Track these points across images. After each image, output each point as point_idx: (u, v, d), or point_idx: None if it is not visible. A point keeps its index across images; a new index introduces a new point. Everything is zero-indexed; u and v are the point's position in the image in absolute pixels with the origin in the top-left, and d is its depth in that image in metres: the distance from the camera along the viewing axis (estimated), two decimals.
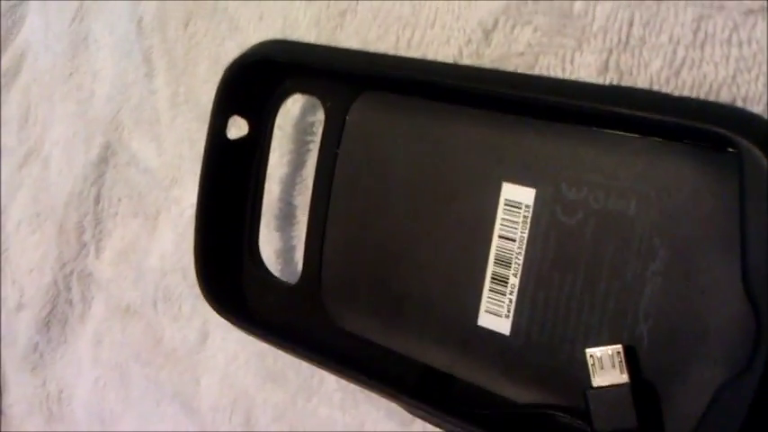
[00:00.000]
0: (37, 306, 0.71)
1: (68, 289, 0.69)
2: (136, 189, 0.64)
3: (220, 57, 0.57)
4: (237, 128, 0.48)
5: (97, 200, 0.67)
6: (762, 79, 0.35)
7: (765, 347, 0.30)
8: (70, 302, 0.70)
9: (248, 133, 0.48)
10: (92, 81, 0.68)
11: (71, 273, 0.69)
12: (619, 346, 0.35)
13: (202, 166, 0.47)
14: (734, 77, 0.36)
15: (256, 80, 0.46)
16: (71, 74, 0.70)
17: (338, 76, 0.45)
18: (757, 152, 0.30)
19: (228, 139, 0.48)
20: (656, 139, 0.35)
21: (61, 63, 0.71)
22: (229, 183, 0.48)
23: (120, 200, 0.65)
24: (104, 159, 0.66)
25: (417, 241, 0.42)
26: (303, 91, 0.48)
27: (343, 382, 0.49)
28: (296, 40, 0.47)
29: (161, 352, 0.61)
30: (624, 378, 0.34)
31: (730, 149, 0.32)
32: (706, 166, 0.33)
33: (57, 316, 0.71)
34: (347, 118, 0.45)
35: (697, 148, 0.34)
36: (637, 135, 0.35)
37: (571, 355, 0.37)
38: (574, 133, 0.37)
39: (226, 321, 0.48)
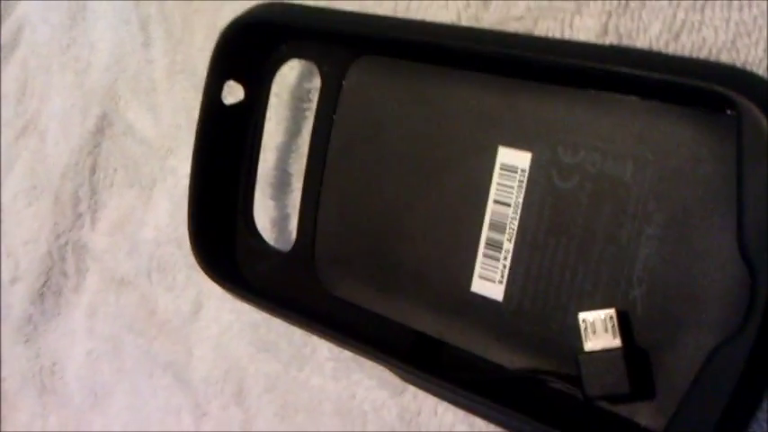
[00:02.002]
0: (31, 278, 0.71)
1: (63, 260, 0.69)
2: (132, 159, 0.64)
3: (218, 24, 0.55)
4: (233, 96, 0.48)
5: (93, 170, 0.66)
6: (762, 44, 0.35)
7: (759, 310, 0.29)
8: (65, 274, 0.69)
9: (244, 99, 0.48)
10: (89, 52, 0.68)
11: (66, 244, 0.69)
12: (612, 311, 0.34)
13: (197, 131, 0.47)
14: (734, 42, 0.35)
15: (252, 44, 0.46)
16: (68, 45, 0.70)
17: (335, 40, 0.44)
18: (756, 111, 0.29)
19: (224, 105, 0.47)
20: (655, 101, 0.34)
21: (59, 35, 0.70)
22: (224, 149, 0.48)
23: (115, 170, 0.65)
24: (100, 130, 0.66)
25: (412, 207, 0.42)
26: (300, 56, 0.47)
27: (336, 352, 0.49)
28: (292, 2, 0.46)
29: (155, 323, 0.61)
30: (617, 342, 0.34)
31: (729, 111, 0.32)
32: (704, 129, 0.33)
33: (51, 287, 0.70)
34: (343, 83, 0.45)
35: (695, 110, 0.33)
36: (635, 97, 0.35)
37: (564, 321, 0.36)
38: (571, 96, 0.36)
39: (219, 291, 0.47)
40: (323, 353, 0.50)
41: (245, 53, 0.46)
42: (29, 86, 0.74)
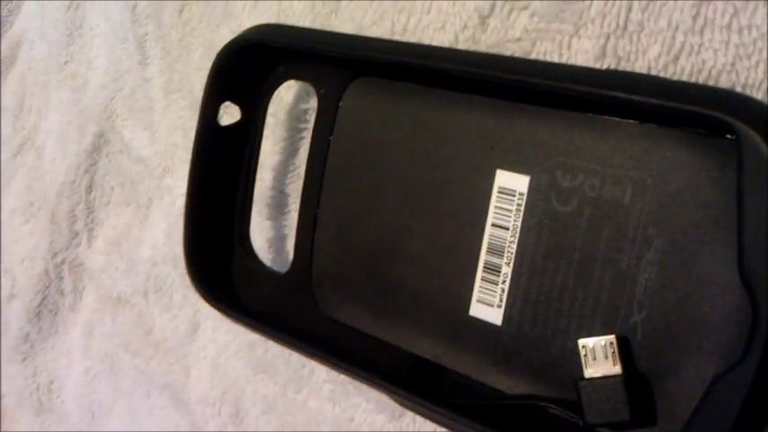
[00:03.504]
0: (28, 296, 0.70)
1: (60, 278, 0.69)
2: (128, 178, 0.63)
3: (215, 43, 0.56)
4: (230, 116, 0.48)
5: (89, 189, 0.66)
6: (762, 66, 0.34)
7: (761, 337, 0.29)
8: (62, 292, 0.69)
9: (240, 120, 0.48)
10: (86, 69, 0.68)
11: (63, 262, 0.68)
12: (612, 337, 0.34)
13: (193, 153, 0.47)
14: (733, 64, 0.35)
15: (249, 65, 0.46)
16: (66, 62, 0.70)
17: (332, 61, 0.44)
18: (756, 137, 0.29)
19: (220, 126, 0.47)
20: (653, 125, 0.34)
21: (56, 51, 0.70)
22: (221, 170, 0.48)
23: (112, 188, 0.65)
24: (97, 148, 0.66)
25: (409, 230, 0.41)
26: (297, 77, 0.47)
27: (334, 374, 0.48)
28: (289, 24, 0.46)
29: (151, 342, 0.61)
30: (617, 369, 0.34)
31: (728, 136, 0.32)
32: (704, 153, 0.33)
33: (48, 306, 0.70)
34: (340, 104, 0.44)
35: (695, 134, 0.33)
36: (633, 121, 0.34)
37: (563, 346, 0.36)
38: (569, 119, 0.36)
39: (216, 311, 0.47)
40: (321, 375, 0.49)
41: (241, 74, 0.46)
42: (26, 103, 0.73)
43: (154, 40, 0.61)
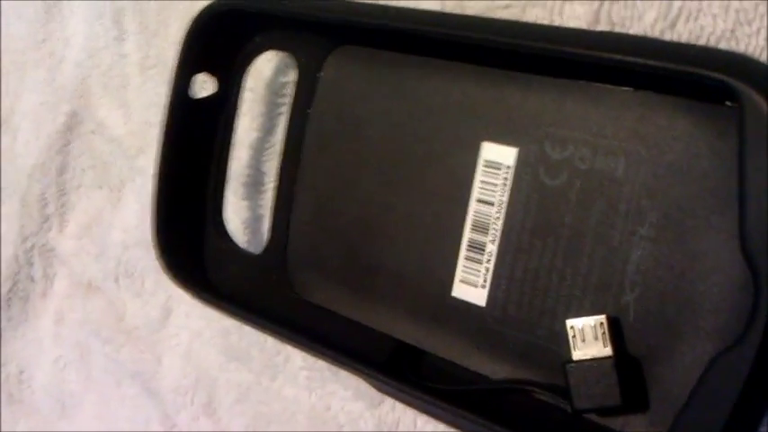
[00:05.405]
0: None
1: (30, 264, 0.66)
2: (100, 159, 0.61)
3: (192, 16, 0.54)
4: (207, 91, 0.45)
5: (61, 171, 0.64)
6: (763, 33, 0.33)
7: (763, 314, 0.27)
8: (32, 279, 0.66)
9: (216, 93, 0.45)
10: (64, 47, 0.65)
11: (33, 247, 0.66)
12: (602, 317, 0.32)
13: (163, 126, 0.44)
14: (733, 30, 0.33)
15: (225, 33, 0.43)
16: (44, 40, 0.67)
17: (312, 28, 0.42)
18: (760, 100, 0.27)
19: (193, 98, 0.44)
20: (649, 92, 0.32)
21: (34, 30, 0.68)
22: (193, 145, 0.45)
23: (84, 170, 0.62)
24: (70, 128, 0.63)
25: (390, 207, 0.39)
26: (275, 47, 0.44)
27: (310, 361, 0.46)
28: None
29: (123, 330, 0.58)
30: (607, 351, 0.32)
31: (728, 102, 0.30)
32: (701, 122, 0.31)
33: (18, 293, 0.67)
34: (320, 75, 0.42)
35: (692, 101, 0.31)
36: (628, 88, 0.32)
37: (551, 329, 0.34)
38: (560, 87, 0.34)
39: (187, 295, 0.44)
40: (296, 362, 0.47)
41: (216, 43, 0.44)
42: (3, 84, 0.71)
43: (131, 15, 0.59)
